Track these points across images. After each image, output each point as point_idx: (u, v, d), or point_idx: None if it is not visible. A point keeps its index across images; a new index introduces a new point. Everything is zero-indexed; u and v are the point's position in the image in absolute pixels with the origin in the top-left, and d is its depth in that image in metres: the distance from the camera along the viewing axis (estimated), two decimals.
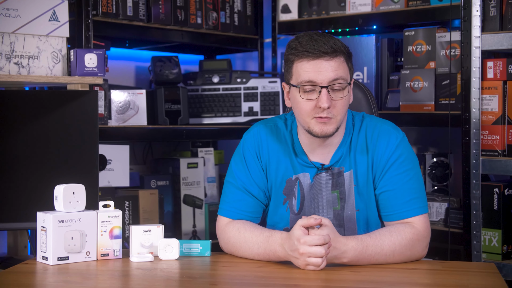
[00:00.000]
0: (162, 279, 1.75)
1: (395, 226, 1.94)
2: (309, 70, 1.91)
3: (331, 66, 1.91)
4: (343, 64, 1.94)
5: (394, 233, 1.91)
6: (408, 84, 3.04)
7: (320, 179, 2.02)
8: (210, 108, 3.26)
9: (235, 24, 3.35)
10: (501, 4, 2.65)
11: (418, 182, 1.99)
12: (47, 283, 1.77)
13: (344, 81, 1.92)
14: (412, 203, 1.96)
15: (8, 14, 2.38)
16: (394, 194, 1.97)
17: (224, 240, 2.01)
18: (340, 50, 1.93)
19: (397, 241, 1.89)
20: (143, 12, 2.96)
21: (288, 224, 2.05)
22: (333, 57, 1.91)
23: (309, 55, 1.91)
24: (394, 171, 1.98)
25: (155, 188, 3.12)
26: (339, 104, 1.93)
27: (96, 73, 2.49)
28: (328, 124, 1.93)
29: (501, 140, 2.66)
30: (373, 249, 1.87)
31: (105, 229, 1.96)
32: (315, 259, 1.77)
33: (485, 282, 1.73)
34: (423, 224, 1.95)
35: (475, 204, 2.69)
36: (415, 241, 1.92)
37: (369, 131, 2.02)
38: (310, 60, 1.91)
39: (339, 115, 1.94)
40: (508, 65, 2.65)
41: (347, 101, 1.96)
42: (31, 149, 2.34)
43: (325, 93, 1.90)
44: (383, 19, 3.17)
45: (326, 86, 1.90)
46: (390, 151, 1.99)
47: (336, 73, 1.91)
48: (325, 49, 1.90)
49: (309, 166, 2.03)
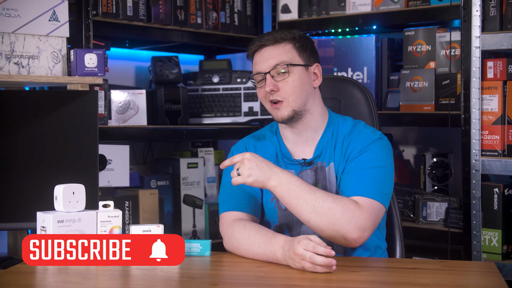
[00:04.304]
0: (162, 279, 1.75)
1: (339, 197, 1.92)
2: (256, 62, 2.07)
3: (272, 53, 2.04)
4: (290, 51, 2.05)
5: (332, 194, 1.92)
6: (408, 84, 3.04)
7: (305, 175, 2.06)
8: (210, 108, 3.26)
9: (235, 24, 3.35)
10: (501, 4, 2.65)
11: (380, 174, 1.98)
12: (47, 283, 1.77)
13: (285, 65, 2.02)
14: (365, 185, 1.95)
15: (8, 14, 2.38)
16: (351, 175, 1.99)
17: (228, 235, 2.01)
18: (286, 38, 2.05)
19: (331, 198, 1.89)
20: (143, 12, 2.96)
21: (277, 221, 2.08)
22: (275, 46, 2.04)
23: (255, 49, 2.07)
24: (360, 158, 2.00)
25: (155, 188, 3.12)
26: (286, 86, 2.03)
27: (96, 73, 2.49)
28: (281, 108, 2.03)
29: (501, 140, 2.66)
30: (304, 189, 1.89)
31: (105, 229, 1.96)
32: (307, 264, 1.77)
33: (485, 282, 1.73)
34: (367, 206, 1.91)
35: (475, 204, 2.69)
36: (350, 211, 1.87)
37: (352, 128, 2.08)
38: (257, 53, 2.07)
39: (289, 96, 2.03)
40: (508, 65, 2.65)
41: (299, 81, 2.03)
42: (31, 149, 2.34)
43: (268, 78, 2.03)
44: (383, 19, 3.17)
45: (268, 71, 2.02)
46: (363, 144, 2.02)
47: (277, 59, 2.03)
48: (265, 40, 2.05)
49: (293, 164, 2.08)
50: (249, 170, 1.90)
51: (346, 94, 2.36)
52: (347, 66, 3.28)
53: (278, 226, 2.08)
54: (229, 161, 1.95)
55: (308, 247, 1.76)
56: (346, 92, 2.36)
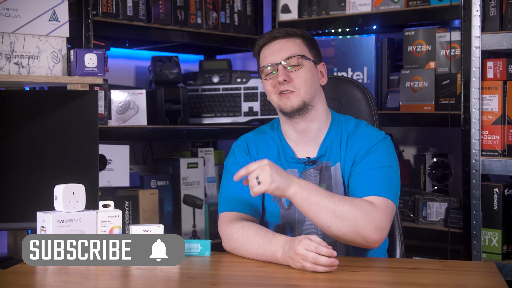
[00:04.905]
0: (162, 279, 1.75)
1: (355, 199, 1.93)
2: (267, 55, 2.07)
3: (285, 46, 2.05)
4: (301, 45, 2.07)
5: (347, 197, 1.92)
6: (408, 84, 3.04)
7: (309, 174, 2.06)
8: (210, 108, 3.26)
9: (235, 24, 3.35)
10: (501, 4, 2.65)
11: (389, 174, 1.99)
12: (47, 283, 1.77)
13: (299, 56, 2.03)
14: (377, 185, 1.96)
15: (8, 14, 2.38)
16: (361, 176, 1.99)
17: (227, 236, 2.00)
18: (296, 34, 2.08)
19: (348, 201, 1.89)
20: (143, 12, 2.96)
21: (279, 220, 2.07)
22: (287, 39, 2.07)
23: (265, 42, 2.09)
24: (367, 159, 2.01)
25: (155, 188, 3.12)
26: (298, 77, 2.03)
27: (96, 73, 2.49)
28: (291, 98, 2.02)
29: (501, 140, 2.66)
30: (322, 194, 1.87)
31: (105, 229, 1.96)
32: (308, 264, 1.76)
33: (485, 282, 1.73)
34: (383, 206, 1.92)
35: (475, 204, 2.69)
36: (368, 212, 1.88)
37: (355, 128, 2.08)
38: (266, 47, 2.08)
39: (301, 87, 2.03)
40: (508, 65, 2.65)
41: (310, 74, 2.05)
42: (31, 149, 2.34)
43: (281, 69, 2.03)
44: (383, 19, 3.17)
45: (280, 62, 2.03)
46: (369, 144, 2.03)
47: (290, 51, 2.05)
48: (277, 33, 2.07)
49: (296, 162, 2.08)
50: (271, 176, 1.83)
51: (346, 94, 2.36)
52: (347, 66, 3.28)
53: (280, 225, 2.07)
54: (245, 170, 1.86)
55: (310, 247, 1.76)
56: (346, 92, 2.36)
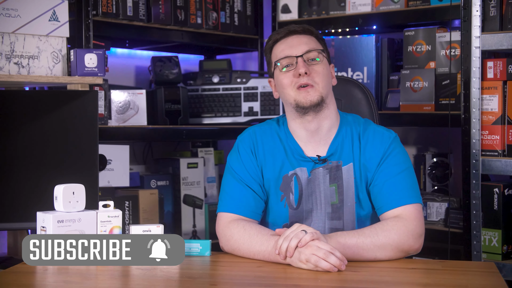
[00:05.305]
0: (162, 279, 1.75)
1: (382, 223, 1.93)
2: (284, 48, 2.05)
3: (303, 40, 2.05)
4: (317, 42, 2.08)
5: (377, 225, 1.92)
6: (408, 84, 3.04)
7: (318, 173, 2.04)
8: (210, 108, 3.26)
9: (235, 24, 3.35)
10: (501, 4, 2.65)
11: (410, 176, 2.01)
12: (47, 283, 1.77)
13: (318, 51, 2.04)
14: (402, 193, 1.97)
15: (8, 14, 2.38)
16: (385, 186, 1.99)
17: (227, 237, 1.99)
18: (312, 32, 2.09)
19: (378, 227, 1.90)
20: (143, 12, 2.96)
21: (287, 220, 2.06)
22: (305, 34, 2.07)
23: (282, 36, 2.07)
24: (386, 164, 2.01)
25: (155, 188, 3.12)
26: (317, 71, 2.03)
27: (96, 73, 2.49)
28: (311, 92, 2.01)
29: (501, 140, 2.66)
30: (354, 235, 1.87)
31: (105, 229, 1.96)
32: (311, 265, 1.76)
33: (485, 282, 1.73)
34: (413, 213, 1.95)
35: (475, 204, 2.69)
36: (399, 227, 1.91)
37: (364, 127, 2.07)
38: (283, 41, 2.07)
39: (320, 82, 2.02)
40: (508, 65, 2.65)
41: (327, 71, 2.05)
42: (31, 149, 2.34)
43: (300, 61, 2.02)
44: (383, 19, 3.17)
45: (301, 55, 2.02)
46: (384, 146, 2.03)
47: (310, 45, 2.04)
48: (294, 28, 2.07)
49: (305, 161, 2.06)
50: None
51: (347, 94, 2.36)
52: (347, 66, 3.28)
53: (288, 225, 2.05)
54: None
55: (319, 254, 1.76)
56: (346, 92, 2.36)
